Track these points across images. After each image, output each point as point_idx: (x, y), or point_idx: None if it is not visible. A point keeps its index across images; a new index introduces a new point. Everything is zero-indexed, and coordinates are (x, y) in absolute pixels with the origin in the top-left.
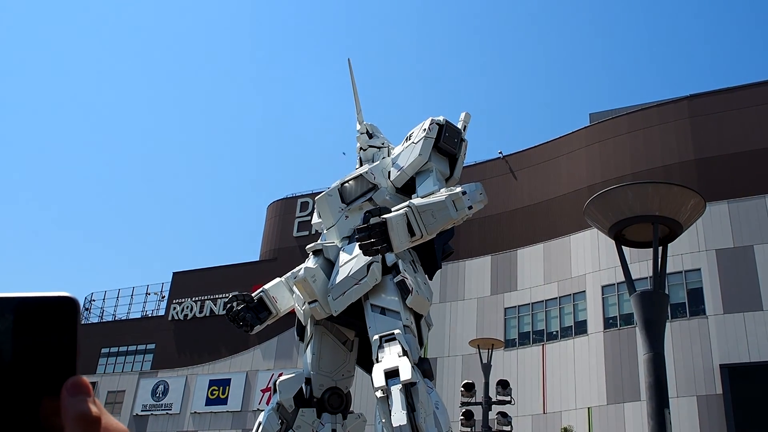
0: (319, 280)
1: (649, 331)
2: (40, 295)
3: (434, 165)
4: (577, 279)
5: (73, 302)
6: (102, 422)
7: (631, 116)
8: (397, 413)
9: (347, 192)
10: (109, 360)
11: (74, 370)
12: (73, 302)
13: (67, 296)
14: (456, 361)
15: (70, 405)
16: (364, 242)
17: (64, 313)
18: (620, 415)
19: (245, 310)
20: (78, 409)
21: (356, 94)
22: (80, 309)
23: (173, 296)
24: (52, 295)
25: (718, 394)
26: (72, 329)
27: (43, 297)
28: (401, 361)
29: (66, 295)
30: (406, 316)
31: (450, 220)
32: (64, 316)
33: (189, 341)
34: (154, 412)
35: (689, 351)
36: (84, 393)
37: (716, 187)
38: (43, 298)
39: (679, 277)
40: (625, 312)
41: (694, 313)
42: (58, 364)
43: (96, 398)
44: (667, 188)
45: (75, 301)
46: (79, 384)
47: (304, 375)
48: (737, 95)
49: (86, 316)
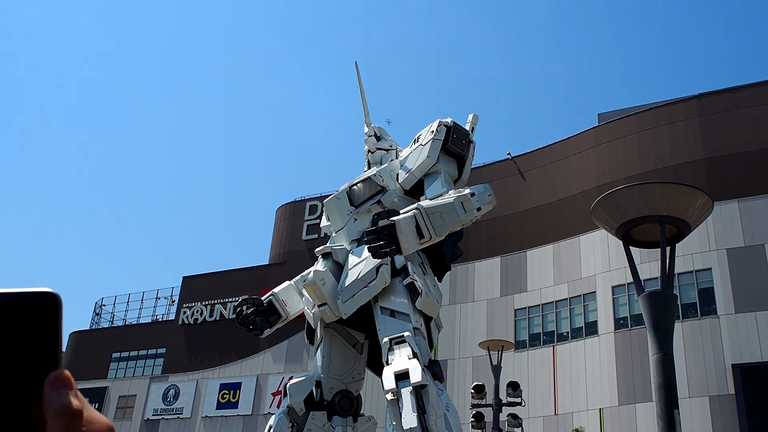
0: (328, 283)
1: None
2: (23, 291)
3: (442, 167)
4: (587, 280)
5: (55, 297)
6: (84, 415)
7: (640, 116)
8: (408, 416)
9: (356, 195)
10: (120, 365)
11: (57, 364)
12: (54, 297)
13: (49, 291)
14: (466, 363)
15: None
16: (373, 245)
17: (47, 309)
18: (632, 416)
19: (255, 314)
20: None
21: (364, 96)
22: (62, 304)
23: (183, 300)
24: (34, 290)
25: (731, 394)
26: (54, 324)
27: (25, 292)
28: (411, 363)
29: (48, 290)
30: (415, 319)
31: (459, 221)
32: (47, 311)
33: (199, 345)
34: (165, 416)
35: (701, 351)
36: (66, 386)
37: (726, 186)
38: (26, 293)
39: (690, 276)
40: (636, 312)
41: (705, 313)
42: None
43: (78, 392)
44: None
45: (57, 297)
46: (61, 377)
47: (315, 378)
48: (746, 94)
49: (97, 321)
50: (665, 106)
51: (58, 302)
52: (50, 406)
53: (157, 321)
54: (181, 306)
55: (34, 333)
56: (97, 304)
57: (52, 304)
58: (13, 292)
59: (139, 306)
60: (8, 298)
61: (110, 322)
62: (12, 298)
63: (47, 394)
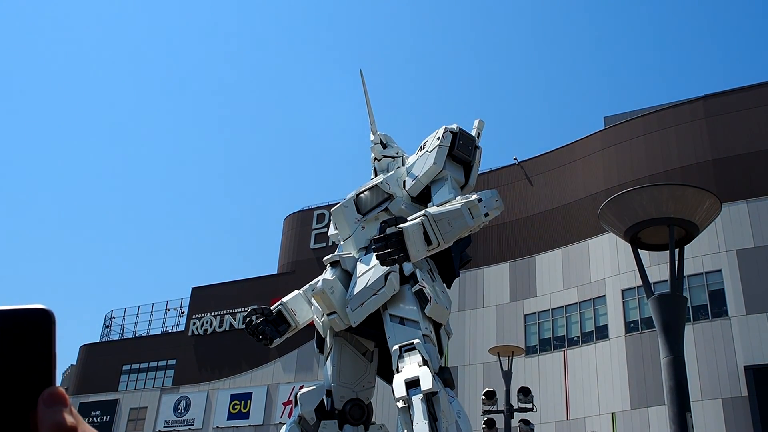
0: (337, 291)
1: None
2: (16, 308)
3: (449, 173)
4: (596, 283)
5: (49, 314)
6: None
7: (646, 118)
8: (419, 423)
9: (363, 202)
10: (131, 377)
11: (51, 380)
12: (48, 314)
13: (42, 308)
14: (477, 370)
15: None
16: (381, 252)
17: (40, 325)
18: (645, 419)
19: (264, 324)
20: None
21: (369, 104)
22: (55, 320)
23: (193, 311)
24: (28, 307)
25: (744, 396)
26: (48, 340)
27: (19, 309)
28: (422, 370)
29: (41, 307)
30: (425, 326)
31: (466, 227)
32: (41, 328)
33: (209, 356)
34: (176, 428)
35: (713, 353)
36: (60, 403)
37: (734, 187)
38: (19, 310)
39: (700, 278)
40: (646, 315)
41: (716, 315)
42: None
43: (73, 408)
44: (682, 190)
45: (50, 313)
46: (54, 394)
47: (325, 387)
48: (753, 94)
49: (107, 333)
50: (672, 107)
51: (51, 319)
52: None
53: (167, 332)
54: (190, 317)
55: (28, 350)
56: (106, 317)
57: (45, 321)
58: (6, 309)
59: (149, 318)
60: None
61: (120, 334)
62: (6, 316)
63: (41, 411)
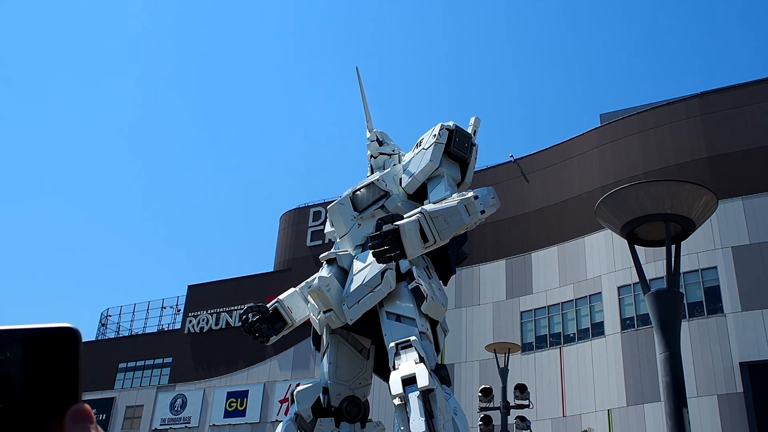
0: (333, 288)
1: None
2: (46, 327)
3: (445, 170)
4: (592, 280)
5: (75, 333)
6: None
7: (642, 116)
8: (416, 420)
9: (359, 200)
10: (127, 375)
11: (77, 395)
12: (74, 332)
13: (69, 327)
14: (473, 367)
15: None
16: (378, 249)
17: (67, 343)
18: (641, 416)
19: (261, 321)
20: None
21: (365, 102)
22: (81, 338)
23: (189, 309)
24: (56, 326)
25: (739, 393)
26: (74, 357)
27: (48, 328)
28: (418, 368)
29: (68, 326)
30: (421, 323)
31: (463, 225)
32: (67, 346)
33: (206, 354)
34: (172, 426)
35: (708, 350)
36: (87, 420)
37: (730, 184)
38: (48, 329)
39: (696, 275)
40: (642, 312)
41: (711, 312)
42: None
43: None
44: (678, 186)
45: (77, 332)
46: (81, 411)
47: (322, 384)
48: (748, 91)
49: (103, 331)
50: (667, 105)
51: (77, 337)
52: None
53: (163, 330)
54: (186, 315)
55: (54, 367)
56: (102, 315)
57: (72, 339)
58: (34, 327)
59: (145, 316)
60: (33, 333)
61: (116, 332)
62: (33, 334)
63: (69, 428)
